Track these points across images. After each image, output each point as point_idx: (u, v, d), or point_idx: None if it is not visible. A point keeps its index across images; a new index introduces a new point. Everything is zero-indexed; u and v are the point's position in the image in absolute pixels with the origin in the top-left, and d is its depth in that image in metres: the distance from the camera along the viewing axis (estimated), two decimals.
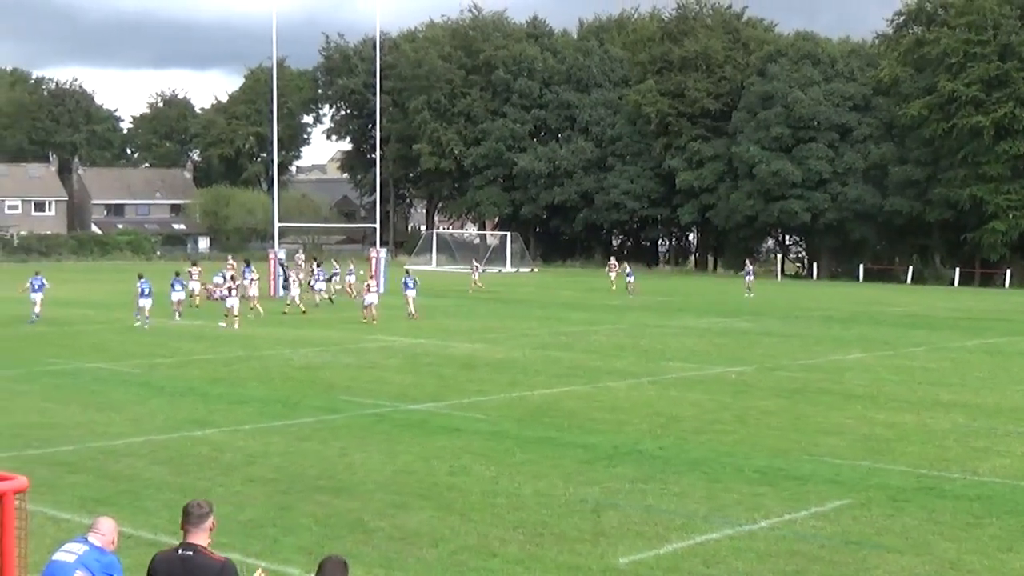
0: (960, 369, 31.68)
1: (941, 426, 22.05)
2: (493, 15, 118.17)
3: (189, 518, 8.06)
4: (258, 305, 46.55)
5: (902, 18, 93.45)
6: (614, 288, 67.15)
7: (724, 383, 27.88)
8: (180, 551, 7.97)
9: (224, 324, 41.12)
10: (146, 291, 41.46)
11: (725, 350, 35.49)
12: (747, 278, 67.99)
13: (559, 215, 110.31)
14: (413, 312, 45.69)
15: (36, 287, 43.14)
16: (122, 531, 9.50)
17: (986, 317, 52.28)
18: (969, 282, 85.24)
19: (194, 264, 58.69)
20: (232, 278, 45.27)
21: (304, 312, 47.65)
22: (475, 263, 75.28)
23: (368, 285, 44.82)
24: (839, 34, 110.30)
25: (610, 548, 13.50)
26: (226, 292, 43.01)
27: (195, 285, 52.02)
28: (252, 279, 48.69)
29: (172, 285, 45.15)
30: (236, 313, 41.12)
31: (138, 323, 41.15)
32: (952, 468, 18.24)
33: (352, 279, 59.87)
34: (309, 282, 52.92)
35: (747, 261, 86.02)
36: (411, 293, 46.82)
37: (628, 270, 68.04)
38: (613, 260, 76.50)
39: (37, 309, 42.72)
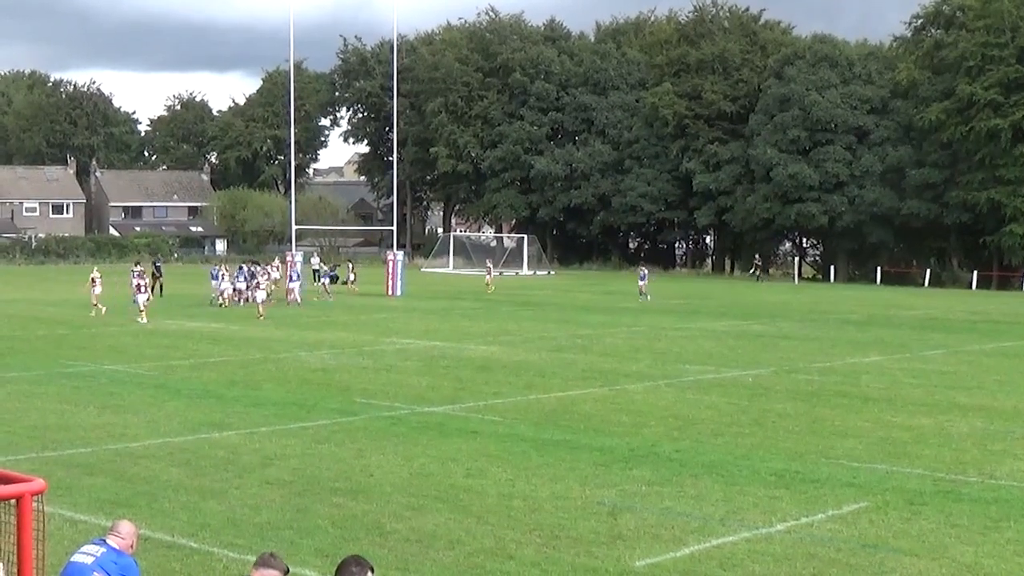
0: (977, 372, 31.57)
1: (958, 429, 21.97)
2: (510, 18, 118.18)
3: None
4: (261, 307, 47.53)
5: (920, 21, 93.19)
6: (490, 289, 66.46)
7: (741, 386, 27.84)
8: None
9: (141, 319, 42.81)
10: (215, 274, 52.73)
11: (742, 353, 35.44)
12: (640, 282, 62.15)
13: (576, 218, 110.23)
14: (298, 301, 52.31)
15: (294, 277, 53.99)
16: (140, 533, 9.54)
17: (1004, 320, 52.09)
18: (987, 285, 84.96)
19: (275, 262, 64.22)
20: (141, 275, 46.76)
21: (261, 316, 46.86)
22: (489, 264, 76.42)
23: (258, 283, 48.41)
24: (858, 37, 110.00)
25: (627, 551, 13.50)
26: (136, 289, 45.24)
27: (276, 277, 57.93)
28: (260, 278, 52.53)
29: (235, 276, 53.07)
30: (143, 308, 43.73)
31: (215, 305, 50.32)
32: (969, 471, 18.18)
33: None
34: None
35: (641, 264, 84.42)
36: (295, 285, 52.68)
37: (491, 270, 72.48)
38: (489, 263, 78.33)
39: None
